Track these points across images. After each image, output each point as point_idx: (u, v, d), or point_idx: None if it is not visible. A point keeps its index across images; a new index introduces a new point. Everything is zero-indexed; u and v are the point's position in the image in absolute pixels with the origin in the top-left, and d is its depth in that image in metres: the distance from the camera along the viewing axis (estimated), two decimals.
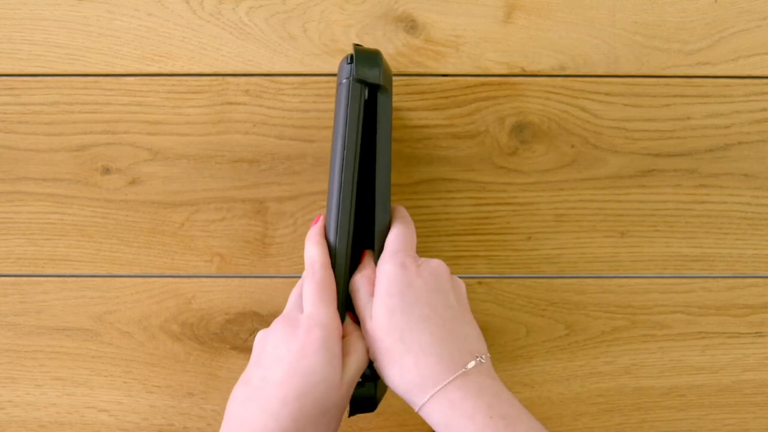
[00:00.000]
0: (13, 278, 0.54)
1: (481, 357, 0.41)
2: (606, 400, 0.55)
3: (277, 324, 0.42)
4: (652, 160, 0.54)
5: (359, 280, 0.44)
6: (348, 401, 0.41)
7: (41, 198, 0.54)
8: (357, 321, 0.44)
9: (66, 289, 0.54)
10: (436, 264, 0.43)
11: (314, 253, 0.43)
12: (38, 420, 0.55)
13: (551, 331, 0.55)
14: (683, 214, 0.55)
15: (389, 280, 0.42)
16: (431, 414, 0.40)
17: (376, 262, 0.44)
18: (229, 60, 0.53)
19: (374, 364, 0.42)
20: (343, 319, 0.43)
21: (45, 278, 0.54)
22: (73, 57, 0.54)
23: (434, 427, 0.40)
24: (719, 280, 0.55)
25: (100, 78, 0.54)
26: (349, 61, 0.45)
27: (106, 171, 0.54)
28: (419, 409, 0.41)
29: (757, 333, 0.55)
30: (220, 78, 0.53)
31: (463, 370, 0.40)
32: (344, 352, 0.41)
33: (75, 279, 0.54)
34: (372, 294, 0.43)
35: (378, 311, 0.42)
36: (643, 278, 0.55)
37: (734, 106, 0.54)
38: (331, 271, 0.43)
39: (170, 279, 0.54)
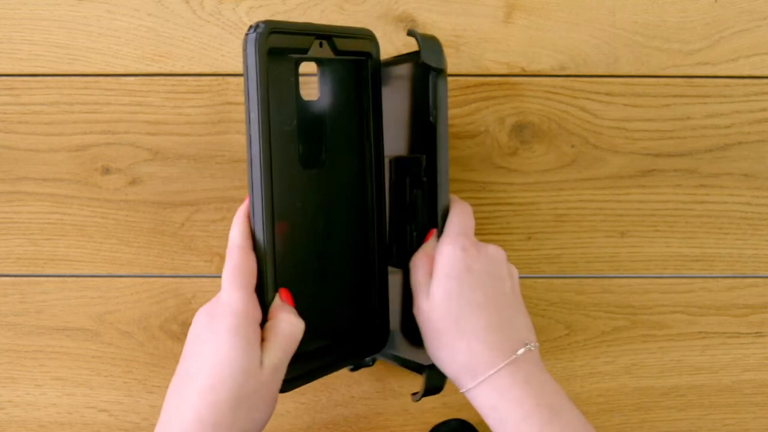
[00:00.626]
0: (13, 278, 0.54)
1: (531, 345, 0.42)
2: (606, 400, 0.55)
3: (198, 314, 0.41)
4: (652, 160, 0.54)
5: (419, 258, 0.44)
6: (276, 385, 0.40)
7: (41, 198, 0.54)
8: (292, 299, 0.43)
9: (66, 289, 0.54)
10: (495, 250, 0.44)
11: (232, 236, 0.42)
12: (38, 420, 0.55)
13: (551, 331, 0.55)
14: (683, 214, 0.55)
15: (449, 262, 0.42)
16: (477, 397, 0.41)
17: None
18: (229, 60, 0.53)
19: (425, 343, 0.43)
20: (270, 300, 0.42)
21: (45, 278, 0.54)
22: (73, 57, 0.54)
23: (479, 410, 0.41)
24: (719, 280, 0.55)
25: (100, 78, 0.54)
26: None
27: (106, 171, 0.54)
28: (466, 391, 0.41)
29: (757, 333, 0.55)
30: (220, 78, 0.53)
31: (513, 357, 0.41)
32: (266, 336, 0.40)
33: (75, 279, 0.54)
34: (430, 273, 0.43)
35: (436, 292, 0.42)
36: (643, 278, 0.55)
37: (734, 106, 0.54)
38: (248, 254, 0.41)
39: (170, 279, 0.54)
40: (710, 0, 0.54)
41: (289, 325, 0.40)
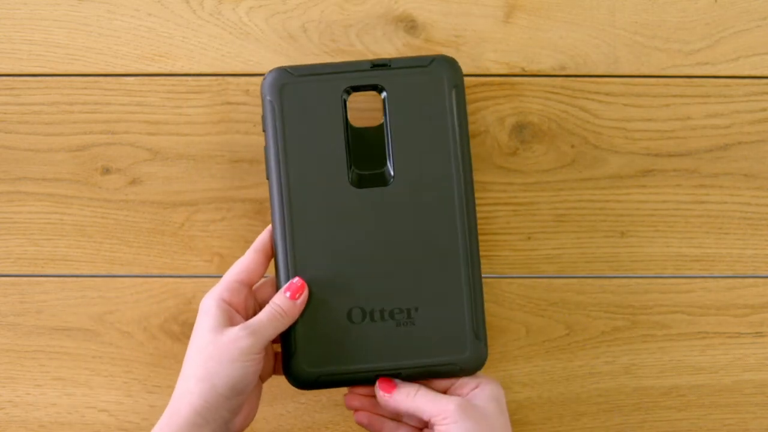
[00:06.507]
0: (13, 278, 0.54)
1: None
2: (606, 400, 0.55)
3: None
4: (652, 160, 0.54)
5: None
6: (232, 352, 0.43)
7: (41, 198, 0.54)
8: (301, 288, 0.46)
9: (66, 289, 0.54)
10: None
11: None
12: (38, 420, 0.55)
13: (551, 331, 0.55)
14: (683, 214, 0.55)
15: (497, 398, 0.46)
16: None
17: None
18: (229, 60, 0.53)
19: None
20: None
21: (45, 278, 0.54)
22: (73, 57, 0.54)
23: None
24: (719, 280, 0.55)
25: (100, 78, 0.54)
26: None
27: (106, 171, 0.54)
28: None
29: (757, 333, 0.55)
30: (220, 78, 0.53)
31: None
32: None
33: (75, 279, 0.54)
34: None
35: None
36: (643, 278, 0.55)
37: (734, 106, 0.54)
38: (239, 266, 0.46)
39: (170, 279, 0.54)
40: (710, 0, 0.54)
41: (270, 306, 0.45)
